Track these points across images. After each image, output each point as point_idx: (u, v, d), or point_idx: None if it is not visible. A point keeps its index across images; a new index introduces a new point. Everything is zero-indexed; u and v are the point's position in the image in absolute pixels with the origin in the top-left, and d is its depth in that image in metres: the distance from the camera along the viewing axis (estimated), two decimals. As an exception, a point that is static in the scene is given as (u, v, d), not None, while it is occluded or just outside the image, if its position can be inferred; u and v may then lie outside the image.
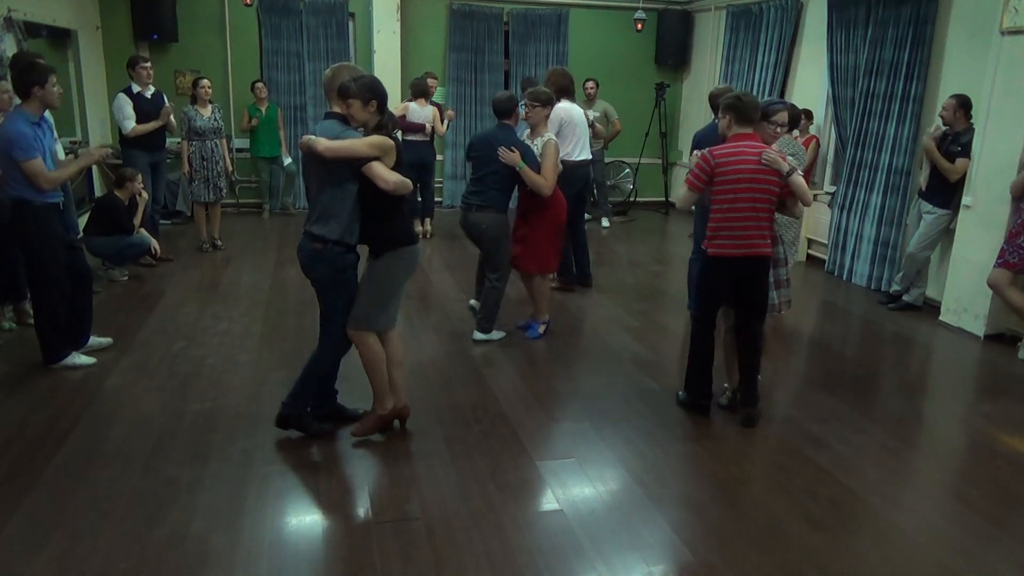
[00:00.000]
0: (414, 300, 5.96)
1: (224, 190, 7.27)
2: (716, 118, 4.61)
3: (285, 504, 3.15)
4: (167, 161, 7.25)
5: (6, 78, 5.53)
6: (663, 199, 10.13)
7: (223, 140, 7.18)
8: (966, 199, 5.54)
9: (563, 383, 4.51)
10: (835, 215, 7.09)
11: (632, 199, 10.24)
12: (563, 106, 5.75)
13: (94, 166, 7.52)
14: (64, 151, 5.58)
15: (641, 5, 9.50)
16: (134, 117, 6.54)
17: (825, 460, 3.61)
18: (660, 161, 10.15)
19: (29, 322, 4.78)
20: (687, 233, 3.86)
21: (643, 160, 10.05)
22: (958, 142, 5.54)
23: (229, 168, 7.37)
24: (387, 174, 3.30)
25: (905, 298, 6.11)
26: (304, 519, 3.06)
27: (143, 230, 6.29)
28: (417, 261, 3.66)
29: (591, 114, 8.86)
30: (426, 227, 8.15)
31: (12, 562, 2.70)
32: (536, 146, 4.81)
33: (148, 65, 6.75)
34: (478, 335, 5.02)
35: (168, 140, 7.11)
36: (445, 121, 8.14)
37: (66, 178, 4.32)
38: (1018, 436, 3.98)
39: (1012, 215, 5.17)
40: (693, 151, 4.47)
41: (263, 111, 8.50)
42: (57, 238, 4.27)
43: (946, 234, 5.80)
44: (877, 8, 6.54)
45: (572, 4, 9.78)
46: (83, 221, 6.32)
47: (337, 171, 3.32)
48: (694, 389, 4.03)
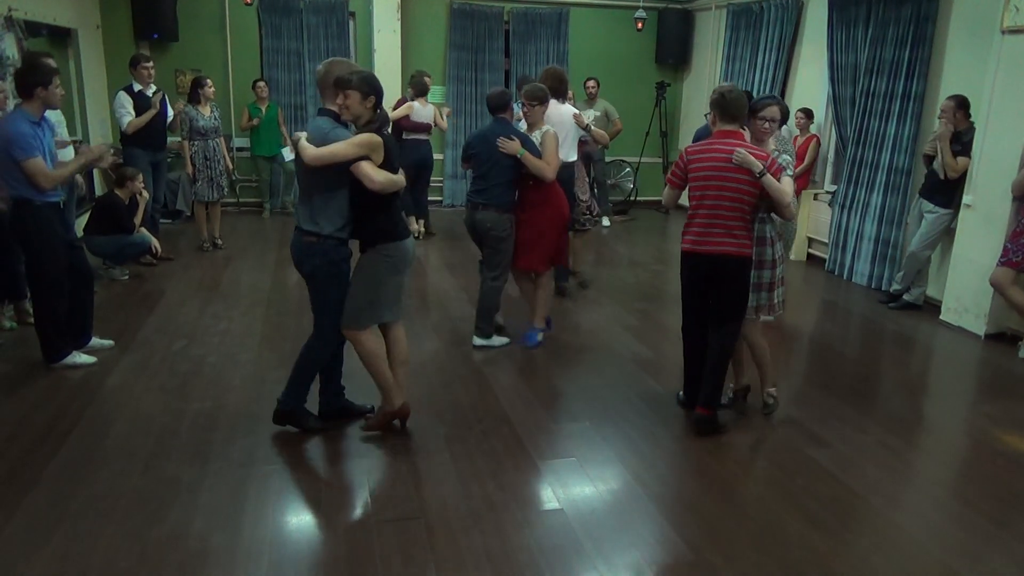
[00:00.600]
0: (414, 300, 5.96)
1: (225, 189, 7.29)
2: None
3: (286, 503, 3.15)
4: (168, 160, 7.25)
5: (5, 78, 5.54)
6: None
7: (222, 139, 7.19)
8: (967, 198, 5.54)
9: (563, 382, 4.51)
10: (836, 214, 7.09)
11: (632, 198, 10.23)
12: (552, 104, 5.69)
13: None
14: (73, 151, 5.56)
15: (642, 4, 9.50)
16: (133, 115, 6.54)
17: (826, 459, 3.61)
18: (660, 160, 10.14)
19: (29, 321, 4.78)
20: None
21: (643, 159, 10.05)
22: (959, 141, 5.53)
23: (230, 167, 7.39)
24: (374, 173, 3.29)
25: (906, 297, 6.11)
26: (305, 518, 3.06)
27: (143, 229, 6.29)
28: (409, 256, 3.62)
29: (592, 113, 8.89)
30: (419, 227, 8.08)
31: (13, 561, 2.70)
32: (535, 138, 4.80)
33: (150, 65, 6.76)
34: (478, 340, 4.92)
35: (169, 139, 7.11)
36: (444, 118, 8.14)
37: (66, 176, 4.32)
38: (1019, 435, 3.98)
39: (1014, 214, 5.17)
40: None
41: (263, 110, 8.50)
42: (58, 237, 4.26)
43: (947, 233, 5.80)
44: (878, 7, 6.53)
45: (573, 3, 9.77)
46: (84, 220, 6.33)
47: (326, 173, 3.32)
48: (689, 390, 4.02)
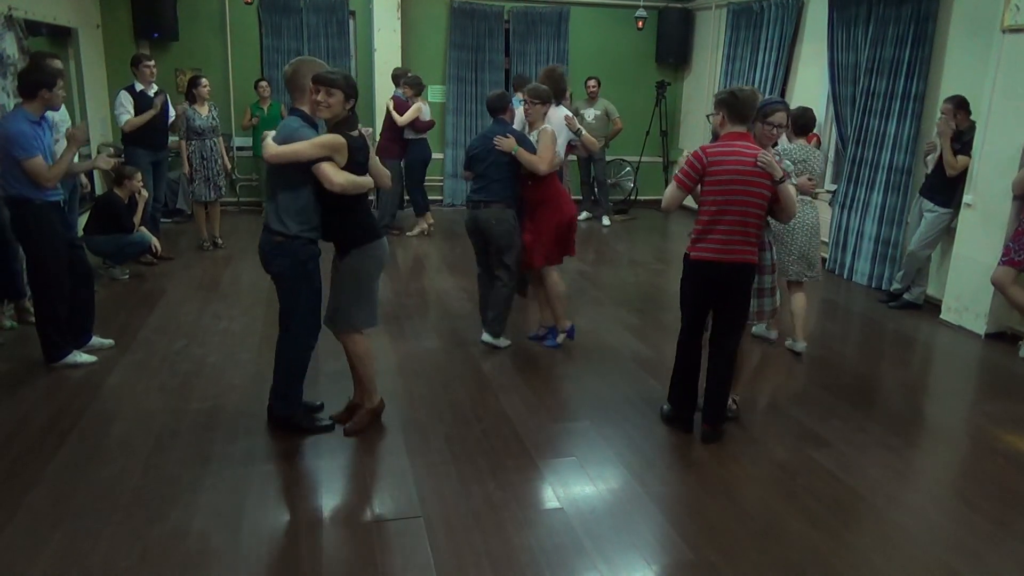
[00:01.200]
0: (414, 299, 5.96)
1: (224, 188, 7.28)
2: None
3: (286, 502, 3.15)
4: (168, 160, 7.25)
5: (5, 76, 5.54)
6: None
7: (220, 139, 7.18)
8: (967, 197, 5.53)
9: (564, 382, 4.51)
10: (836, 213, 7.08)
11: (633, 197, 10.23)
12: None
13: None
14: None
15: (642, 3, 9.49)
16: (131, 113, 6.53)
17: (826, 459, 3.61)
18: (661, 160, 10.14)
19: (30, 320, 4.78)
20: (687, 232, 3.86)
21: (644, 158, 10.04)
22: (960, 140, 5.53)
23: (228, 166, 7.37)
24: (334, 175, 3.27)
25: (906, 296, 6.11)
26: (305, 517, 3.06)
27: (143, 228, 6.29)
28: (386, 255, 3.63)
29: (592, 112, 8.92)
30: (429, 225, 8.19)
31: (14, 560, 2.70)
32: (533, 138, 4.79)
33: (152, 64, 6.75)
34: (488, 337, 4.90)
35: (170, 139, 7.11)
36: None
37: (64, 169, 4.30)
38: (1019, 434, 3.97)
39: (1015, 213, 5.16)
40: None
41: (265, 110, 8.49)
42: (58, 236, 4.26)
43: (947, 232, 5.80)
44: (878, 6, 6.53)
45: (573, 2, 9.76)
46: (84, 220, 6.33)
47: (288, 171, 3.32)
48: (679, 402, 3.87)
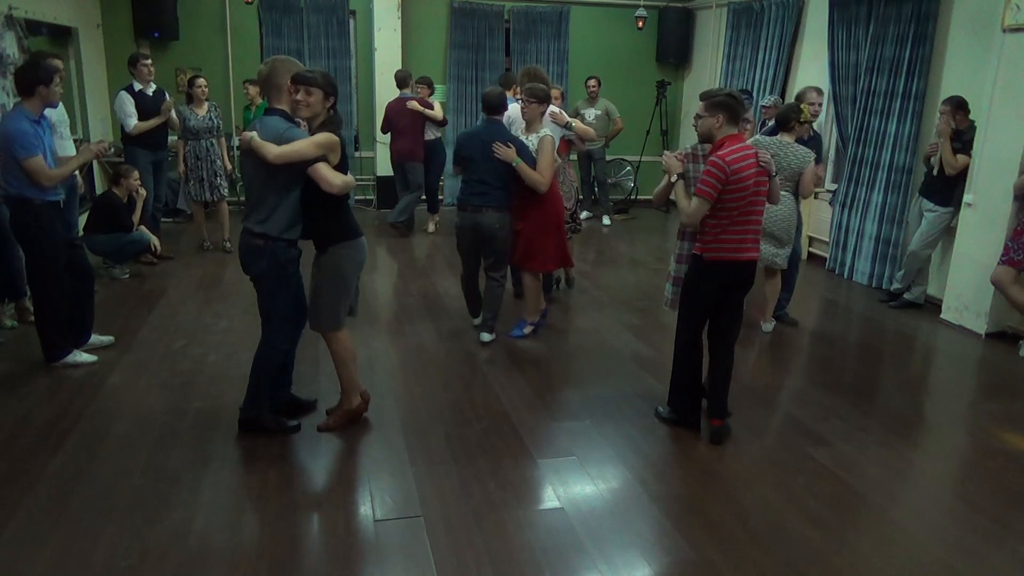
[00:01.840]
0: (415, 298, 5.96)
1: (225, 189, 7.24)
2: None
3: (286, 501, 3.15)
4: (169, 159, 7.24)
5: (6, 76, 5.54)
6: (664, 197, 10.12)
7: (221, 139, 7.15)
8: (967, 197, 5.53)
9: (564, 381, 4.51)
10: (836, 213, 7.08)
11: (633, 197, 10.23)
12: (515, 106, 5.58)
13: (95, 163, 7.52)
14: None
15: (642, 3, 9.49)
16: (136, 115, 6.53)
17: (826, 458, 3.61)
18: (661, 159, 10.13)
19: (30, 320, 4.78)
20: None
21: (644, 158, 10.04)
22: (959, 139, 5.53)
23: (228, 167, 7.31)
24: (332, 177, 3.29)
25: (906, 296, 6.11)
26: (305, 516, 3.06)
27: (143, 228, 6.29)
28: (364, 253, 3.63)
29: (592, 112, 8.91)
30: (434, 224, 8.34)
31: (14, 559, 2.70)
32: (531, 142, 4.78)
33: (149, 63, 6.74)
34: (487, 336, 4.95)
35: (170, 138, 7.10)
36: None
37: (67, 175, 4.32)
38: (1019, 434, 3.98)
39: (1016, 213, 5.16)
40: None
41: (253, 111, 8.46)
42: (58, 236, 4.26)
43: (947, 232, 5.80)
44: (878, 5, 6.53)
45: (573, 2, 9.76)
46: (84, 219, 6.33)
47: (282, 173, 3.29)
48: (682, 405, 3.85)
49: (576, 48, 9.85)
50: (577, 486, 3.32)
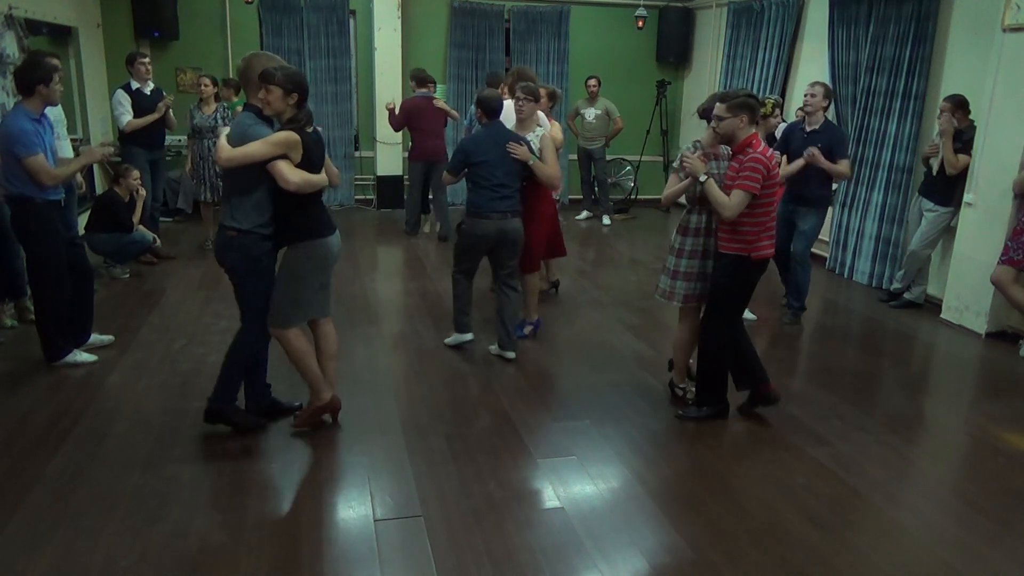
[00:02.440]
0: (415, 298, 5.96)
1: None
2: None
3: (286, 501, 3.15)
4: (167, 159, 7.24)
5: (5, 75, 5.54)
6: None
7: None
8: (968, 196, 5.53)
9: (564, 381, 4.51)
10: (836, 213, 7.08)
11: (633, 197, 10.23)
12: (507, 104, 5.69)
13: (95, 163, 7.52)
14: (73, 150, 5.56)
15: (642, 3, 9.49)
16: (131, 113, 6.54)
17: (826, 458, 3.61)
18: (661, 159, 10.13)
19: (30, 319, 4.78)
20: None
21: (644, 158, 10.04)
22: (960, 139, 5.53)
23: None
24: (289, 174, 3.24)
25: (906, 296, 6.11)
26: (305, 516, 3.06)
27: (143, 227, 6.29)
28: (332, 254, 3.55)
29: (592, 111, 8.92)
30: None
31: (14, 559, 2.70)
32: (532, 140, 4.74)
33: (147, 61, 6.74)
34: (513, 354, 4.68)
35: (168, 138, 7.09)
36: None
37: (69, 176, 4.32)
38: (1020, 433, 3.97)
39: (1016, 212, 5.16)
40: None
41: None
42: (58, 235, 4.26)
43: (947, 232, 5.80)
44: (879, 5, 6.53)
45: (573, 1, 9.76)
46: (84, 219, 6.33)
47: (242, 172, 3.29)
48: (719, 397, 3.96)
49: (576, 48, 9.85)
50: (577, 486, 3.32)
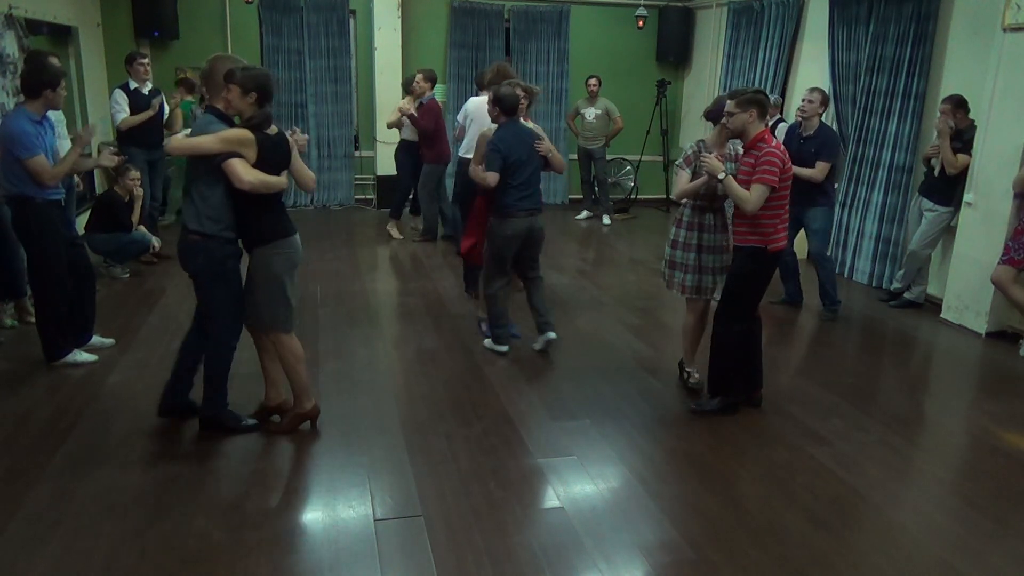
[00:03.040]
0: (415, 298, 5.96)
1: None
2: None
3: (286, 500, 3.15)
4: (166, 158, 7.24)
5: (5, 75, 5.54)
6: (664, 196, 10.12)
7: None
8: (968, 196, 5.53)
9: (564, 380, 4.51)
10: (836, 212, 7.07)
11: (633, 196, 10.23)
12: (478, 100, 5.66)
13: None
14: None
15: (642, 2, 9.48)
16: (127, 112, 6.54)
17: (826, 457, 3.61)
18: (661, 159, 10.13)
19: (30, 319, 4.78)
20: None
21: (644, 157, 10.04)
22: (960, 139, 5.53)
23: None
24: (242, 173, 3.22)
25: (906, 295, 6.11)
26: (305, 515, 3.06)
27: (143, 227, 6.29)
28: (297, 253, 3.53)
29: (592, 111, 8.92)
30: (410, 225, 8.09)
31: (14, 559, 2.70)
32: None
33: (146, 61, 6.74)
34: (554, 334, 4.79)
35: (167, 137, 7.09)
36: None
37: (68, 169, 4.31)
38: (1020, 433, 3.97)
39: (1016, 212, 5.16)
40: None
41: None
42: (59, 235, 4.26)
43: (947, 231, 5.79)
44: (879, 5, 6.52)
45: (574, 1, 9.76)
46: (85, 218, 6.33)
47: (202, 168, 3.28)
48: (733, 389, 4.02)
49: (576, 47, 9.85)
50: (577, 485, 3.32)
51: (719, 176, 3.77)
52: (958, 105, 5.51)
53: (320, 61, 9.14)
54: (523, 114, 5.13)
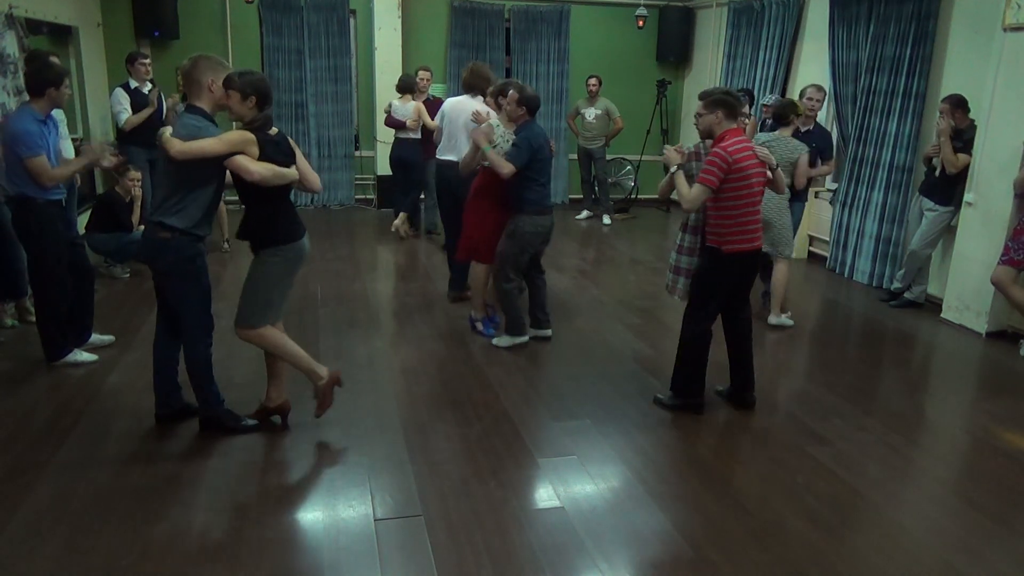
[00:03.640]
0: (415, 298, 5.96)
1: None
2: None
3: (286, 500, 3.15)
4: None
5: (6, 75, 5.54)
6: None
7: None
8: (968, 196, 5.53)
9: (564, 380, 4.51)
10: (837, 212, 7.08)
11: (633, 196, 10.23)
12: (454, 100, 5.68)
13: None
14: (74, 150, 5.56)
15: (643, 2, 9.48)
16: (130, 111, 6.55)
17: (827, 457, 3.61)
18: (661, 158, 10.14)
19: (31, 319, 4.79)
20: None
21: (644, 157, 10.04)
22: (960, 138, 5.53)
23: None
24: (251, 165, 3.24)
25: (907, 295, 6.11)
26: (305, 515, 3.06)
27: (143, 227, 6.28)
28: (302, 257, 3.55)
29: (592, 111, 8.92)
30: (402, 223, 7.87)
31: (15, 558, 2.70)
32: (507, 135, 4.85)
33: (147, 61, 6.75)
34: (550, 331, 5.02)
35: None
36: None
37: (68, 176, 4.32)
38: (1020, 433, 3.97)
39: (1016, 211, 5.16)
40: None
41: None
42: (59, 235, 4.27)
43: (948, 231, 5.79)
44: (879, 4, 6.52)
45: (574, 1, 9.76)
46: (85, 218, 6.33)
47: (195, 168, 3.27)
48: (690, 390, 4.02)
49: (576, 47, 9.85)
50: (577, 485, 3.32)
51: (672, 168, 3.88)
52: (957, 105, 5.51)
53: (320, 61, 9.14)
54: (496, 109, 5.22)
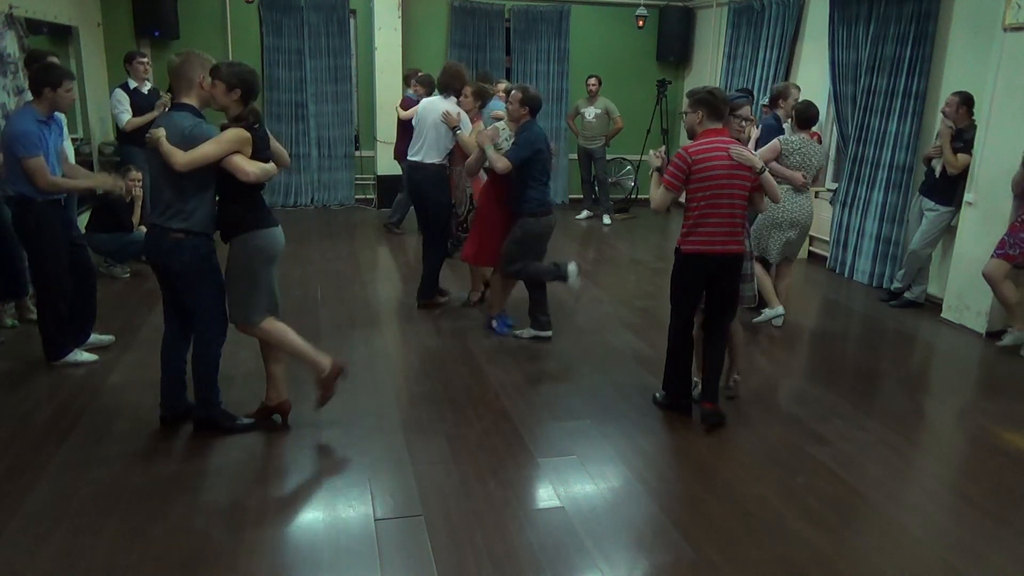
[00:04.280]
0: (414, 298, 5.95)
1: None
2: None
3: (286, 500, 3.15)
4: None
5: (6, 75, 5.54)
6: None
7: None
8: (968, 196, 5.53)
9: (564, 380, 4.51)
10: (837, 212, 7.08)
11: (633, 196, 10.23)
12: (427, 100, 5.64)
13: (95, 162, 7.52)
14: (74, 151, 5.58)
15: (643, 2, 9.48)
16: (130, 112, 6.55)
17: (827, 457, 3.61)
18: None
19: (31, 319, 4.79)
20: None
21: (644, 157, 10.01)
22: (961, 138, 5.53)
23: None
24: (247, 166, 3.27)
25: (907, 295, 6.11)
26: (305, 515, 3.07)
27: (143, 227, 6.29)
28: (276, 244, 3.53)
29: (592, 111, 8.92)
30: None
31: (15, 558, 2.70)
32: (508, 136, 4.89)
33: (146, 61, 6.75)
34: (550, 332, 5.03)
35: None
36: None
37: (67, 189, 4.32)
38: (1020, 433, 3.97)
39: (1015, 211, 5.16)
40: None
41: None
42: (59, 235, 4.27)
43: (948, 231, 5.80)
44: (879, 4, 6.52)
45: (574, 1, 9.76)
46: (85, 218, 6.32)
47: (198, 173, 3.28)
48: (674, 389, 4.03)
49: (576, 47, 9.85)
50: (577, 485, 3.32)
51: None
52: (964, 102, 5.51)
53: (320, 61, 9.15)
54: (473, 113, 5.25)
